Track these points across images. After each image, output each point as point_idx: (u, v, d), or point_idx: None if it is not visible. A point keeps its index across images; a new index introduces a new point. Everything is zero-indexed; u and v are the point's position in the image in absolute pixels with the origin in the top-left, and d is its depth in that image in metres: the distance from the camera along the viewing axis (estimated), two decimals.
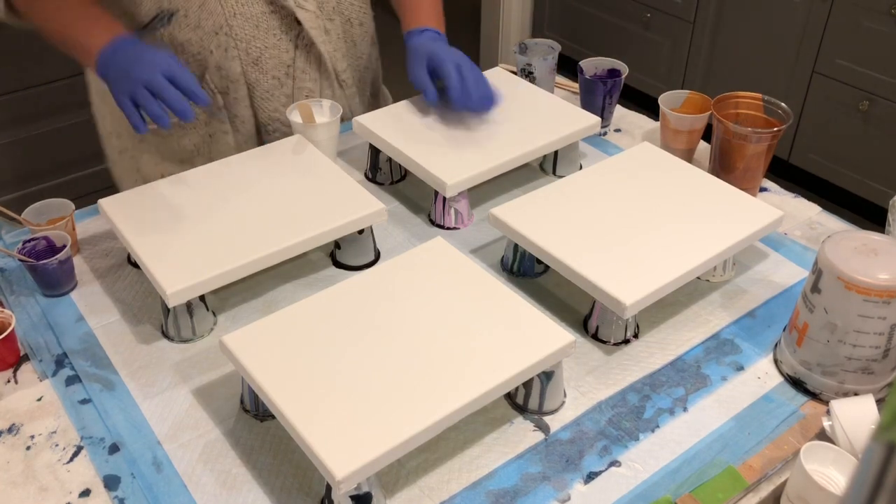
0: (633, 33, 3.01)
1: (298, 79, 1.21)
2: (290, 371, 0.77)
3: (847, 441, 0.76)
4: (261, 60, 1.17)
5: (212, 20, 1.12)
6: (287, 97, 1.22)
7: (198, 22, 1.12)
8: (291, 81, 1.21)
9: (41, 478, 0.78)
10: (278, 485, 0.78)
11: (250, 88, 1.19)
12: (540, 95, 1.23)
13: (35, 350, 0.92)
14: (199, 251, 0.92)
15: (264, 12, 1.14)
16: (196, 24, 1.12)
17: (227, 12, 1.12)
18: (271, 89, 1.20)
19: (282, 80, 1.20)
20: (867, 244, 0.81)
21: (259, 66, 1.17)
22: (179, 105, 0.97)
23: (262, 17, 1.14)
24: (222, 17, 1.12)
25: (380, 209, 1.00)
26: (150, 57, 1.00)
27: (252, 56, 1.16)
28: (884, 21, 2.27)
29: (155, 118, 0.97)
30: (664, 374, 0.89)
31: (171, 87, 0.98)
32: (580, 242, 0.94)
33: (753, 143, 1.10)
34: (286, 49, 1.18)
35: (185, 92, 0.99)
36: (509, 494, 0.77)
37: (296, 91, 1.22)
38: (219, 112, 1.19)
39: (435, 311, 0.84)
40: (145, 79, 0.98)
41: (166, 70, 0.99)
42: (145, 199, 1.00)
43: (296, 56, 1.19)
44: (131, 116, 0.99)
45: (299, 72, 1.20)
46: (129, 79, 0.99)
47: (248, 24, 1.14)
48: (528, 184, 1.19)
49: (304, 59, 1.20)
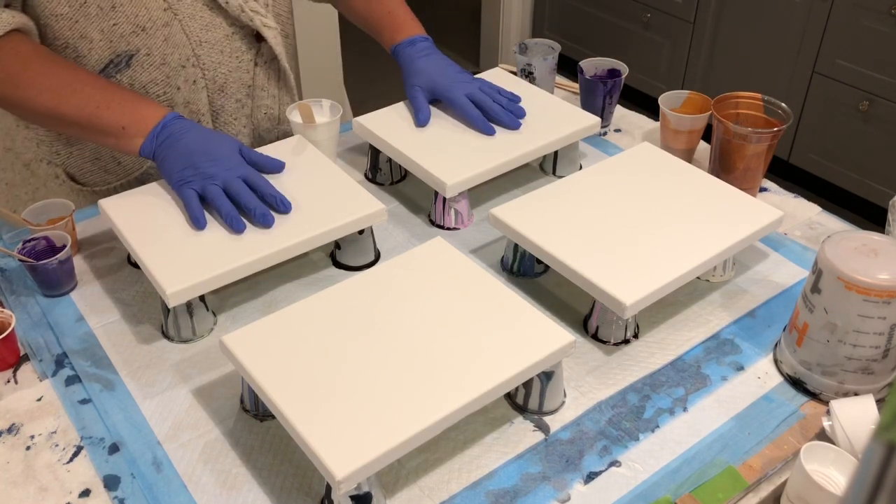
0: (633, 33, 3.01)
1: (258, 97, 1.18)
2: (290, 371, 0.77)
3: (847, 441, 0.76)
4: (226, 86, 1.13)
5: (177, 53, 1.06)
6: (247, 118, 1.18)
7: (162, 59, 1.06)
8: (251, 101, 1.17)
9: (41, 478, 0.78)
10: (278, 485, 0.78)
11: (214, 115, 1.15)
12: (540, 96, 1.23)
13: (35, 350, 0.92)
14: (199, 251, 0.92)
15: (227, 35, 1.10)
16: (161, 62, 1.06)
17: (192, 42, 1.06)
18: (233, 112, 1.16)
19: (243, 101, 1.16)
20: (867, 244, 0.81)
21: (224, 91, 1.13)
22: (260, 211, 0.94)
23: (225, 41, 1.10)
24: (189, 49, 1.07)
25: (380, 209, 1.00)
26: (222, 152, 0.97)
27: (218, 83, 1.12)
28: (884, 21, 2.27)
29: (229, 220, 0.94)
30: (664, 374, 0.89)
31: (251, 193, 0.96)
32: (580, 242, 0.94)
33: (753, 143, 1.10)
34: (247, 70, 1.14)
35: (264, 197, 0.96)
36: (509, 494, 0.77)
37: (255, 110, 1.18)
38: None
39: (435, 312, 0.84)
40: (223, 178, 0.96)
41: (244, 175, 0.97)
42: (145, 199, 1.00)
43: (255, 75, 1.16)
44: (194, 212, 0.95)
45: (259, 90, 1.17)
46: (197, 172, 0.96)
47: (214, 50, 1.09)
48: (528, 184, 1.19)
49: (263, 76, 1.17)
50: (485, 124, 1.13)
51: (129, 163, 1.14)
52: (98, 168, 1.14)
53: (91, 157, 1.13)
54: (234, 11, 1.08)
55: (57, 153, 1.12)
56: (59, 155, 1.12)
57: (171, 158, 0.98)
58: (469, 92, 1.15)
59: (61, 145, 1.12)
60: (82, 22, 1.00)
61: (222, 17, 1.09)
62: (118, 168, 1.14)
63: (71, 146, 1.12)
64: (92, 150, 1.13)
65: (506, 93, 1.19)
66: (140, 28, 1.03)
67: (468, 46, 3.68)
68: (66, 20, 1.00)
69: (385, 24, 1.23)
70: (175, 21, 1.04)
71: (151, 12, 1.02)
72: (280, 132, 1.24)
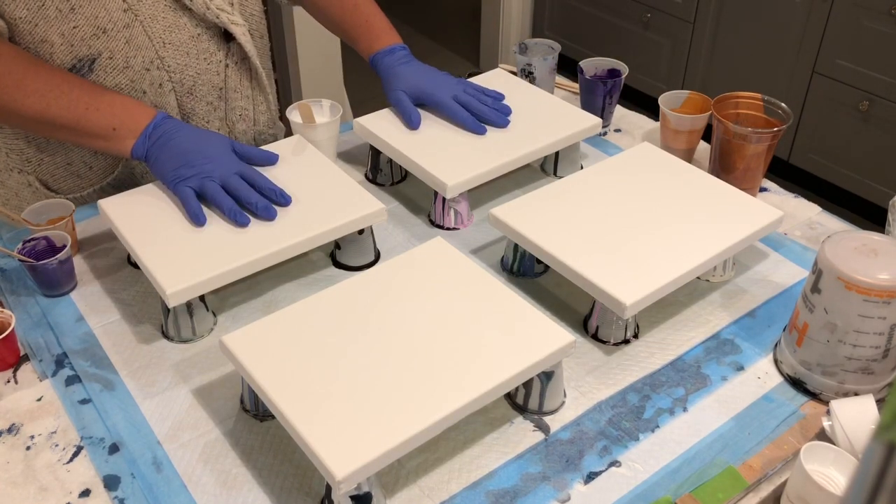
0: (633, 33, 3.01)
1: (231, 99, 1.15)
2: (290, 371, 0.77)
3: (847, 441, 0.76)
4: (195, 88, 1.10)
5: (140, 56, 1.03)
6: (220, 120, 1.16)
7: (125, 62, 1.03)
8: (224, 103, 1.15)
9: (41, 478, 0.78)
10: (278, 485, 0.78)
11: (186, 119, 1.12)
12: (540, 96, 1.23)
13: (35, 350, 0.92)
14: (199, 251, 0.92)
15: (193, 36, 1.07)
16: (124, 65, 1.03)
17: (156, 44, 1.04)
18: (205, 115, 1.14)
19: (215, 103, 1.14)
20: (867, 244, 0.81)
21: (193, 94, 1.11)
22: (262, 204, 0.95)
23: (191, 42, 1.07)
24: (152, 51, 1.04)
25: (380, 209, 1.00)
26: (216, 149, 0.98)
27: (186, 86, 1.09)
28: (884, 21, 2.27)
29: (232, 215, 0.95)
30: (664, 374, 0.89)
31: (250, 188, 0.96)
32: (580, 242, 0.94)
33: (753, 143, 1.10)
34: (217, 72, 1.12)
35: (263, 192, 0.97)
36: (509, 494, 0.77)
37: (229, 112, 1.16)
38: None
39: (435, 312, 0.84)
40: (220, 175, 0.96)
41: (240, 171, 0.97)
42: (145, 199, 1.00)
43: (226, 76, 1.14)
44: (193, 209, 0.95)
45: (231, 91, 1.15)
46: (193, 170, 0.96)
47: (179, 52, 1.06)
48: (529, 184, 1.19)
49: (235, 77, 1.14)
50: (475, 124, 1.13)
51: (100, 168, 1.13)
52: (70, 174, 1.13)
53: (63, 163, 1.11)
54: (198, 10, 1.05)
55: (28, 161, 1.10)
56: (31, 162, 1.11)
57: (164, 158, 0.98)
58: (455, 94, 1.15)
59: (32, 152, 1.10)
60: (42, 25, 0.98)
61: (187, 18, 1.06)
62: (90, 173, 1.13)
63: (42, 153, 1.10)
64: (63, 157, 1.11)
65: (490, 92, 1.19)
66: (101, 30, 1.00)
67: (468, 46, 3.69)
68: (25, 23, 0.98)
69: (362, 33, 1.22)
70: (136, 22, 1.02)
71: (111, 13, 1.00)
72: (257, 133, 1.22)
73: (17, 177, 1.12)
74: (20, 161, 1.11)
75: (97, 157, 1.11)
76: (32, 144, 1.10)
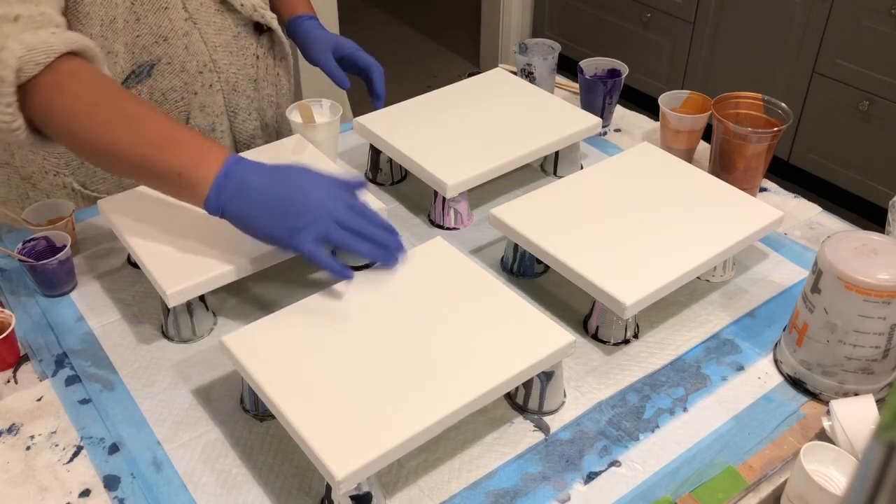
0: (633, 33, 3.01)
1: (261, 88, 1.19)
2: (290, 371, 0.77)
3: (847, 441, 0.76)
4: (237, 84, 1.15)
5: (196, 60, 1.07)
6: (256, 111, 1.20)
7: (182, 66, 1.07)
8: (258, 94, 1.19)
9: (41, 478, 0.78)
10: (278, 485, 0.78)
11: (231, 116, 1.17)
12: (540, 96, 1.23)
13: (35, 350, 0.92)
14: (199, 251, 0.92)
15: (235, 35, 1.11)
16: (181, 69, 1.07)
17: (209, 48, 1.08)
18: (246, 108, 1.18)
19: (252, 96, 1.18)
20: (867, 244, 0.81)
21: (237, 90, 1.15)
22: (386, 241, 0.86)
23: (234, 41, 1.11)
24: (206, 55, 1.08)
25: (379, 209, 1.00)
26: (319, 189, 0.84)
27: (231, 84, 1.13)
28: (884, 21, 2.27)
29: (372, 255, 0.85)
30: (664, 374, 0.89)
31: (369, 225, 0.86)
32: (580, 242, 0.94)
33: (753, 143, 1.10)
34: (252, 65, 1.16)
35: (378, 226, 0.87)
36: (509, 494, 0.77)
37: (260, 102, 1.20)
38: None
39: (435, 312, 0.84)
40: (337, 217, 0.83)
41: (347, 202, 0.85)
42: (145, 199, 1.00)
43: (258, 67, 1.17)
44: (331, 265, 0.84)
45: (261, 81, 1.19)
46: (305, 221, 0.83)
47: (226, 52, 1.11)
48: (529, 184, 1.19)
49: (263, 67, 1.18)
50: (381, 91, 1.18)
51: None
52: (111, 176, 1.14)
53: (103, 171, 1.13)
54: (246, 12, 1.10)
55: (67, 164, 1.11)
56: (70, 166, 1.11)
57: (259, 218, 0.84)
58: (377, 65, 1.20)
59: (73, 156, 1.11)
60: (110, 38, 1.00)
61: (231, 19, 1.10)
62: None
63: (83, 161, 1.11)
64: None
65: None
66: (162, 38, 1.04)
67: (468, 46, 3.68)
68: (96, 38, 0.99)
69: (282, 1, 1.24)
70: (195, 30, 1.06)
71: (174, 23, 1.04)
72: (279, 115, 1.26)
73: (51, 179, 1.12)
74: (57, 164, 1.11)
75: None
76: None
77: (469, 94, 1.23)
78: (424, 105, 1.21)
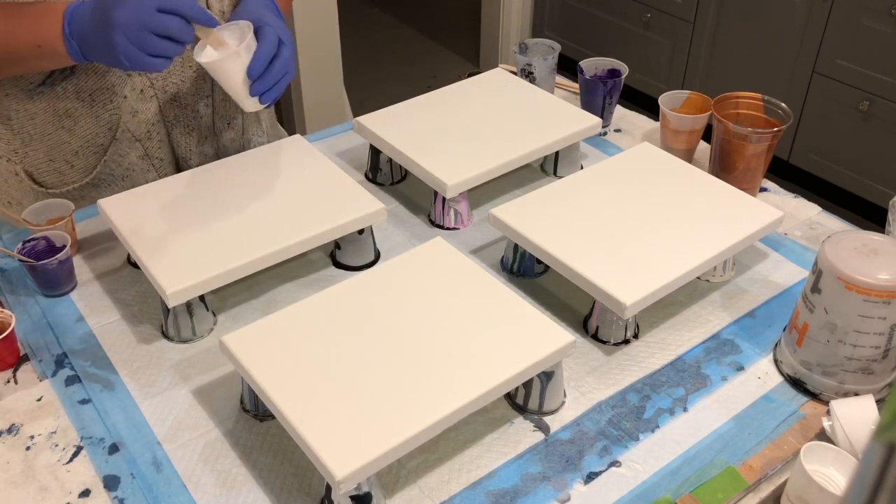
0: (633, 33, 3.01)
1: (218, 107, 1.14)
2: (290, 371, 0.77)
3: (847, 441, 0.76)
4: (178, 96, 1.09)
5: None
6: (207, 128, 1.16)
7: (106, 66, 1.02)
8: (211, 111, 1.14)
9: (41, 478, 0.78)
10: (278, 485, 0.78)
11: (169, 127, 1.12)
12: (540, 96, 1.23)
13: (35, 350, 0.92)
14: (199, 251, 0.92)
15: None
16: (106, 69, 1.03)
17: None
18: (189, 123, 1.13)
19: (202, 111, 1.13)
20: (867, 244, 0.81)
21: (177, 101, 1.10)
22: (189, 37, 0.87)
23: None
24: None
25: (379, 209, 1.00)
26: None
27: (169, 93, 1.08)
28: (884, 21, 2.27)
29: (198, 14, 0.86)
30: (664, 374, 0.89)
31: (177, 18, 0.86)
32: (580, 242, 0.94)
33: (753, 143, 1.10)
34: (205, 78, 1.11)
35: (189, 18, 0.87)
36: (509, 494, 0.77)
37: (216, 120, 1.15)
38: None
39: (435, 311, 0.84)
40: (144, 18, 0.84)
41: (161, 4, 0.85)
42: (145, 199, 1.00)
43: (214, 84, 1.12)
44: (148, 62, 0.86)
45: (218, 101, 1.14)
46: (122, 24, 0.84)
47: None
48: (529, 184, 1.19)
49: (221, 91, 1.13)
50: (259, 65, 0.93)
51: (81, 167, 1.12)
52: (52, 170, 1.12)
53: (45, 159, 1.10)
54: None
55: (14, 151, 1.10)
56: (17, 153, 1.10)
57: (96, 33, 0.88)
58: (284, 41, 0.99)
59: (18, 143, 1.09)
60: None
61: None
62: (71, 171, 1.12)
63: (26, 146, 1.09)
64: (46, 151, 1.10)
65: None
66: None
67: (468, 46, 3.68)
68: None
69: None
70: None
71: None
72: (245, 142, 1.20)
73: (4, 165, 1.11)
74: (7, 150, 1.10)
75: (78, 156, 1.11)
76: (18, 136, 1.09)
77: (469, 94, 1.23)
78: (424, 105, 1.21)
